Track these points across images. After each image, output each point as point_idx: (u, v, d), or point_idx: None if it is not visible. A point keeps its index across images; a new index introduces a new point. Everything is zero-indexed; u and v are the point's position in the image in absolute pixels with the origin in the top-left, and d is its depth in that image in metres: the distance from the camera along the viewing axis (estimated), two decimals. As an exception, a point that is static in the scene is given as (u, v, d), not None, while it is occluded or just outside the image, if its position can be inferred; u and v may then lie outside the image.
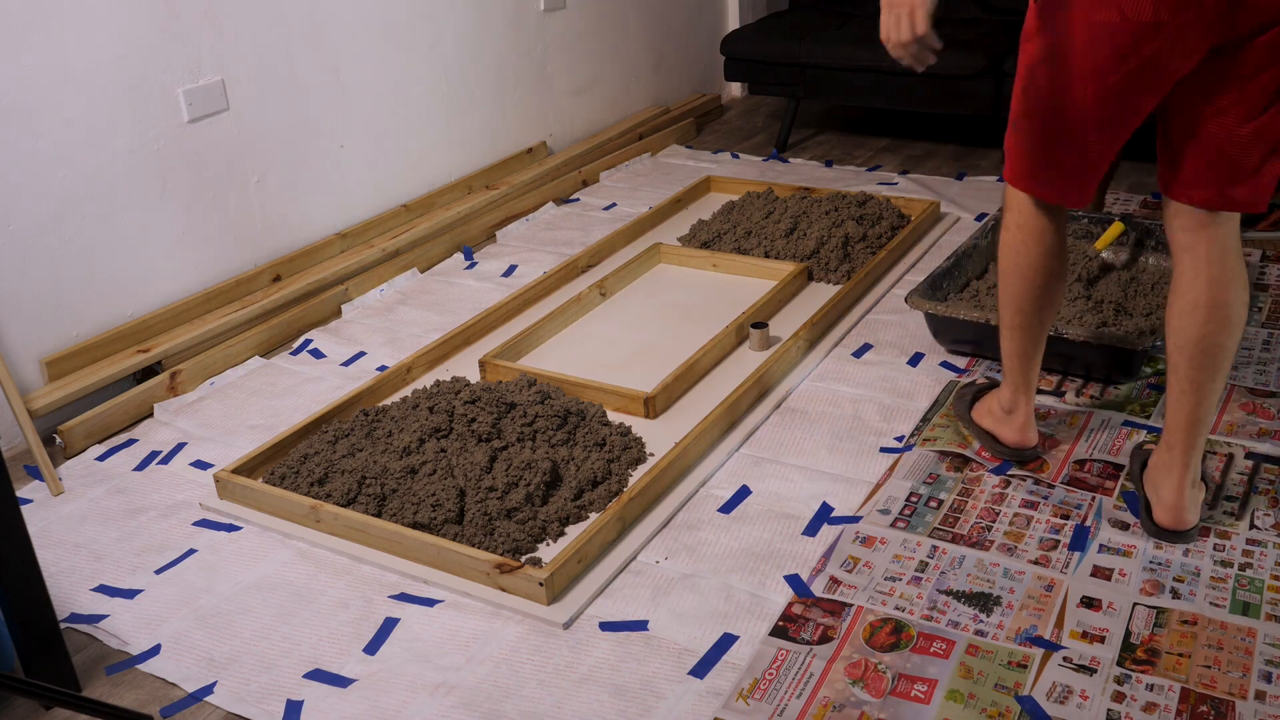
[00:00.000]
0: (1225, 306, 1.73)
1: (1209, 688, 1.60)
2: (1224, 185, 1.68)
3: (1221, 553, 1.86)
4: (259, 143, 2.90)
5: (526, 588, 1.84)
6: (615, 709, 1.63)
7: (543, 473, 2.06)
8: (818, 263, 2.98)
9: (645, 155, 4.10)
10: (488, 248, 3.37)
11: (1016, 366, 2.03)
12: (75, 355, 2.51)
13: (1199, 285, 1.74)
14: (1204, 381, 1.79)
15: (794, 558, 1.92)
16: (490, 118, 3.67)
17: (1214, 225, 1.71)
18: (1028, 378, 2.03)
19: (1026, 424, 2.08)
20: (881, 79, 3.90)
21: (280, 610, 1.88)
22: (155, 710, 1.69)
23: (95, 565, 2.02)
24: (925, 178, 3.73)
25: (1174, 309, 1.78)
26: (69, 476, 2.31)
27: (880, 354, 2.59)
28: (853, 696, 1.62)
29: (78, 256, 2.52)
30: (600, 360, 2.60)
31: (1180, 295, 1.76)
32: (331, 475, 2.14)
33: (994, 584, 1.82)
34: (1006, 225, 1.92)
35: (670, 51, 4.54)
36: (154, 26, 2.60)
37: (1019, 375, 2.03)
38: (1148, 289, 2.65)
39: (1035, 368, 2.03)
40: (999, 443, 2.12)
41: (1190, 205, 1.72)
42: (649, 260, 3.08)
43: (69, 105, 2.45)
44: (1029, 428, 2.09)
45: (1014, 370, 2.04)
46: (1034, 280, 1.91)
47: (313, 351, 2.77)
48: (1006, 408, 2.09)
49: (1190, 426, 1.83)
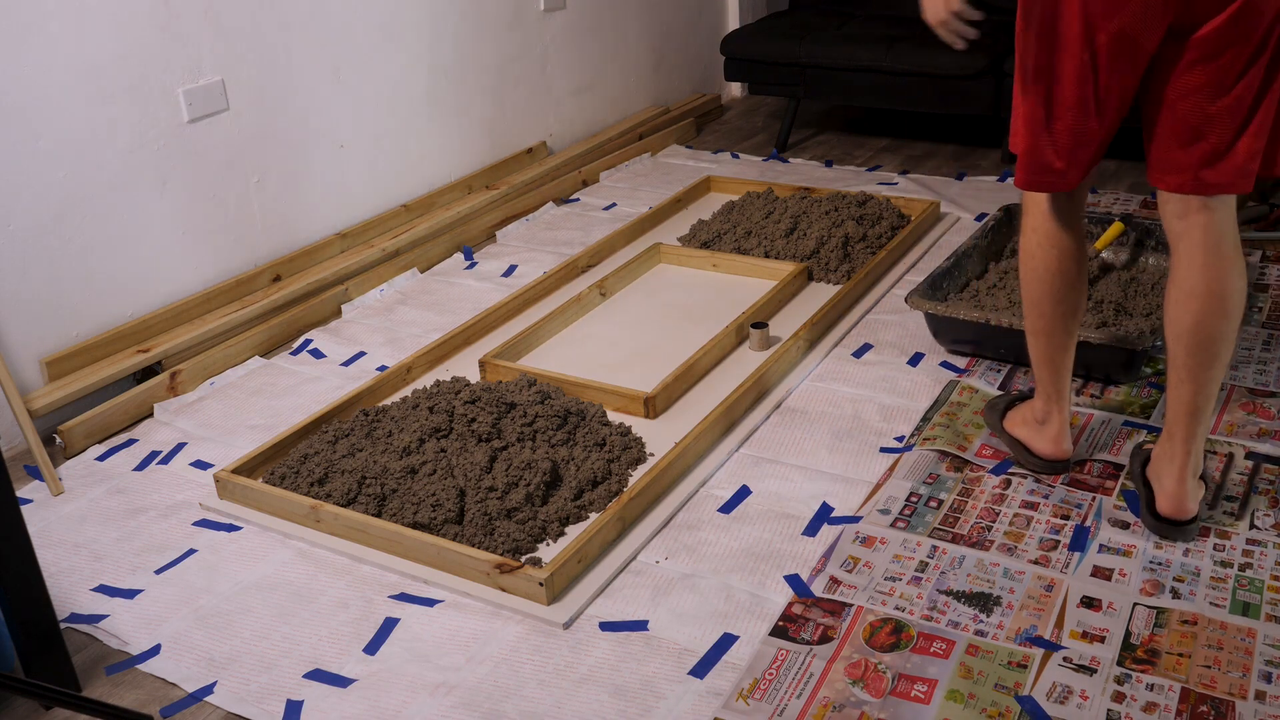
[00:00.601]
0: (1221, 294, 1.74)
1: (1209, 688, 1.60)
2: (1197, 169, 1.69)
3: (1221, 553, 1.86)
4: (259, 143, 2.90)
5: (526, 588, 1.84)
6: (615, 709, 1.63)
7: (543, 473, 2.06)
8: (818, 263, 2.98)
9: (645, 155, 4.10)
10: (488, 248, 3.37)
11: (1045, 375, 2.02)
12: (75, 355, 2.51)
13: (1194, 273, 1.75)
14: (1200, 370, 1.79)
15: (794, 558, 1.92)
16: (490, 118, 3.67)
17: (1205, 211, 1.72)
18: (1058, 386, 2.02)
19: (1060, 435, 2.06)
20: (881, 79, 3.90)
21: (280, 610, 1.88)
22: (155, 710, 1.69)
23: (95, 565, 2.02)
24: (925, 178, 3.73)
25: (1170, 297, 1.79)
26: (69, 476, 2.31)
27: (880, 354, 2.59)
28: (853, 696, 1.62)
29: (78, 256, 2.52)
30: (600, 360, 2.60)
31: (1176, 283, 1.78)
32: (331, 475, 2.14)
33: (994, 584, 1.82)
34: (1023, 229, 1.94)
35: (670, 51, 4.54)
36: (154, 26, 2.60)
37: (1049, 383, 2.02)
38: (1148, 289, 2.65)
39: (1065, 376, 2.02)
40: (1031, 453, 2.10)
41: (1168, 191, 1.74)
42: (649, 260, 3.08)
43: (69, 105, 2.45)
44: (1063, 439, 2.06)
45: (1043, 379, 2.03)
46: (1052, 284, 1.91)
47: (313, 351, 2.77)
48: (1040, 418, 2.07)
49: (1189, 415, 1.83)
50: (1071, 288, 1.92)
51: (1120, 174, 3.65)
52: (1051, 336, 1.97)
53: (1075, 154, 1.78)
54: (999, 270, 2.80)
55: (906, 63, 3.81)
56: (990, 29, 3.97)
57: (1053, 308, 1.94)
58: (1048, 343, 1.98)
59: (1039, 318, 1.97)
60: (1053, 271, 1.90)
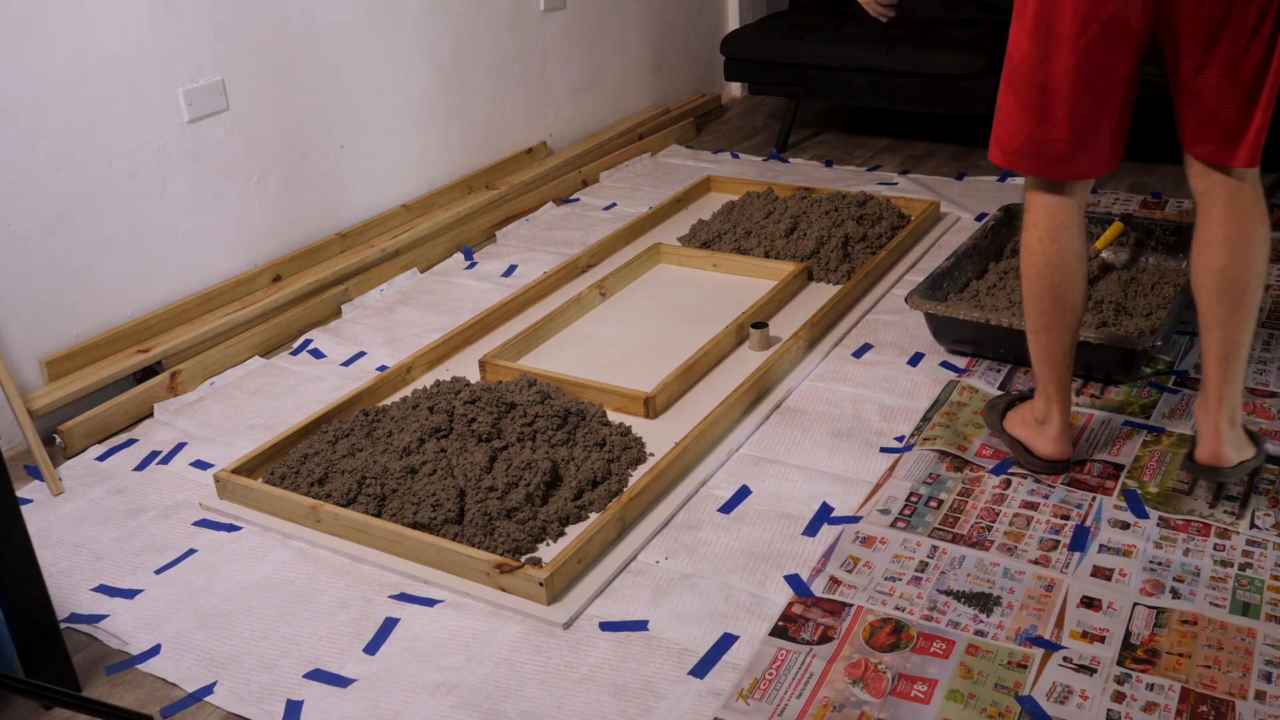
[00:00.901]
0: (1241, 240, 1.79)
1: (1209, 688, 1.60)
2: (1218, 141, 1.77)
3: (1221, 553, 1.86)
4: (259, 143, 2.90)
5: (526, 588, 1.84)
6: (615, 709, 1.63)
7: (543, 473, 2.06)
8: (818, 263, 2.98)
9: (645, 155, 4.10)
10: (488, 248, 3.37)
11: (1045, 374, 2.02)
12: (75, 355, 2.51)
13: (1214, 223, 1.81)
14: (1226, 316, 1.84)
15: (794, 558, 1.92)
16: (490, 118, 3.67)
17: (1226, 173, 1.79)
18: (1059, 385, 2.02)
19: (1061, 435, 2.06)
20: (881, 79, 3.90)
21: (280, 610, 1.88)
22: (155, 710, 1.69)
23: (95, 565, 2.02)
24: (925, 178, 3.73)
25: (1195, 250, 1.86)
26: (69, 476, 2.31)
27: (880, 354, 2.59)
28: (853, 696, 1.62)
29: (78, 256, 2.52)
30: (600, 360, 2.60)
31: (1199, 235, 1.85)
32: (331, 475, 2.14)
33: (994, 584, 1.82)
34: (1024, 226, 1.95)
35: (670, 51, 4.54)
36: (154, 26, 2.60)
37: (1049, 383, 2.03)
38: (1148, 289, 2.65)
39: (1065, 376, 2.02)
40: (1030, 453, 2.09)
41: (1196, 160, 1.82)
42: (649, 260, 3.08)
43: (69, 105, 2.45)
44: (1063, 439, 2.06)
45: (1043, 378, 2.03)
46: (1052, 279, 1.92)
47: (313, 351, 2.77)
48: (1040, 418, 2.07)
49: (1219, 362, 1.88)
50: (1072, 285, 1.93)
51: (1120, 174, 3.65)
52: (1052, 334, 1.98)
53: (1081, 141, 1.81)
54: (999, 270, 2.80)
55: (906, 63, 3.81)
56: (990, 29, 3.99)
57: (1053, 304, 1.94)
58: (1048, 340, 1.99)
59: (1039, 314, 1.97)
60: (1054, 268, 1.91)
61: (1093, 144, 1.82)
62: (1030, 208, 1.93)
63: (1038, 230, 1.91)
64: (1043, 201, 1.90)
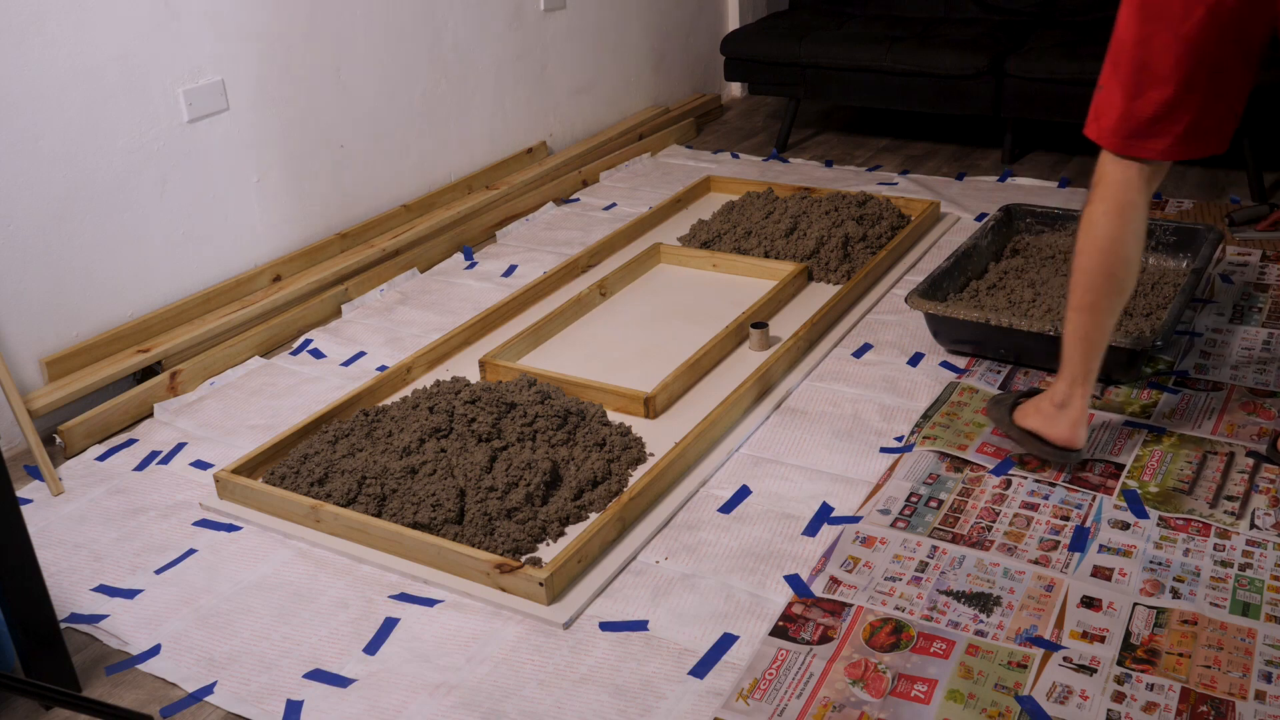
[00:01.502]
0: None
1: (1209, 688, 1.60)
2: None
3: (1221, 553, 1.86)
4: (259, 143, 2.90)
5: (526, 588, 1.84)
6: (615, 709, 1.63)
7: (543, 473, 2.06)
8: (818, 263, 2.98)
9: (645, 155, 4.10)
10: (488, 248, 3.37)
11: (1078, 354, 1.99)
12: (75, 355, 2.51)
13: None
14: None
15: (794, 558, 1.92)
16: (490, 118, 3.67)
17: None
18: (1088, 367, 1.99)
19: (1078, 422, 2.03)
20: (881, 79, 3.90)
21: (280, 610, 1.88)
22: (155, 710, 1.69)
23: (95, 565, 2.02)
24: (925, 178, 3.73)
25: None
26: (69, 476, 2.31)
27: (880, 354, 2.59)
28: (853, 696, 1.62)
29: (78, 256, 2.52)
30: (600, 360, 2.60)
31: None
32: (331, 475, 2.14)
33: (994, 584, 1.82)
34: (1091, 200, 1.92)
35: (670, 51, 4.54)
36: (154, 26, 2.60)
37: (1079, 364, 1.99)
38: (1148, 289, 2.65)
39: (1097, 359, 1.99)
40: (1045, 442, 2.06)
41: None
42: (649, 260, 3.08)
43: (69, 105, 2.45)
44: (1079, 427, 2.03)
45: (1073, 359, 2.00)
46: (1108, 257, 1.90)
47: (313, 351, 2.77)
48: (1059, 402, 2.04)
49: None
50: (1126, 265, 1.91)
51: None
52: (1095, 314, 1.95)
53: (1166, 126, 1.80)
54: (999, 270, 2.80)
55: (906, 63, 3.81)
56: (990, 29, 3.99)
57: (1105, 283, 1.92)
58: (1090, 321, 1.96)
59: (1087, 291, 1.94)
60: (1114, 244, 1.89)
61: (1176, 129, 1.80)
62: (1102, 180, 1.90)
63: (1104, 204, 1.89)
64: (1118, 177, 1.87)
